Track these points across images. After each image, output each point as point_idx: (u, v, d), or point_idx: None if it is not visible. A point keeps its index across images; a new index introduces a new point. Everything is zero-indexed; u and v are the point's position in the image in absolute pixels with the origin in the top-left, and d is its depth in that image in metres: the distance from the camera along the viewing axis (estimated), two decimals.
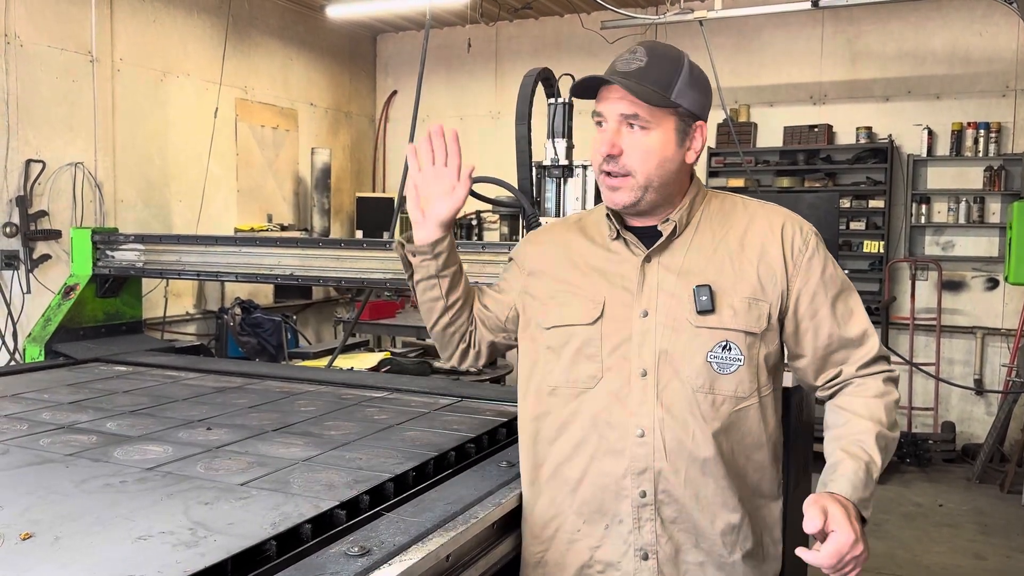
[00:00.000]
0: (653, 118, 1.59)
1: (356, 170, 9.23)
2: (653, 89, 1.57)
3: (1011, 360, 6.75)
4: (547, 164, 2.52)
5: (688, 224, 1.67)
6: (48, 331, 3.32)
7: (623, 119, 1.60)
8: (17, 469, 1.76)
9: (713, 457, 1.58)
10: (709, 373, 1.59)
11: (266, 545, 1.36)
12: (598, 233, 1.74)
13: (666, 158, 1.61)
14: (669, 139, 1.61)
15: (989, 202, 7.07)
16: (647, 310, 1.62)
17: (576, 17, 8.10)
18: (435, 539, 1.42)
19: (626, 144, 1.60)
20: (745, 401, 1.61)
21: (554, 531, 1.67)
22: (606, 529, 1.62)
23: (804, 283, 1.63)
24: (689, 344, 1.59)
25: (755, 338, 1.61)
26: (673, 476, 1.58)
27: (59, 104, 5.89)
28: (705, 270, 1.63)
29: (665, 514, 1.60)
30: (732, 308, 1.60)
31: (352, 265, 2.97)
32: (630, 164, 1.60)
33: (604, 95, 1.63)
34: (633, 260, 1.67)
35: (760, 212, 1.70)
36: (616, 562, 1.62)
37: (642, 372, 1.61)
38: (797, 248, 1.64)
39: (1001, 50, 6.94)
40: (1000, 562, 4.75)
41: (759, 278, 1.62)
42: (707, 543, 1.61)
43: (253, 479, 1.70)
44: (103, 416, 2.24)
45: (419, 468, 1.80)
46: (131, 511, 1.51)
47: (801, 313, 1.64)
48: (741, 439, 1.62)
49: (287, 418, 2.25)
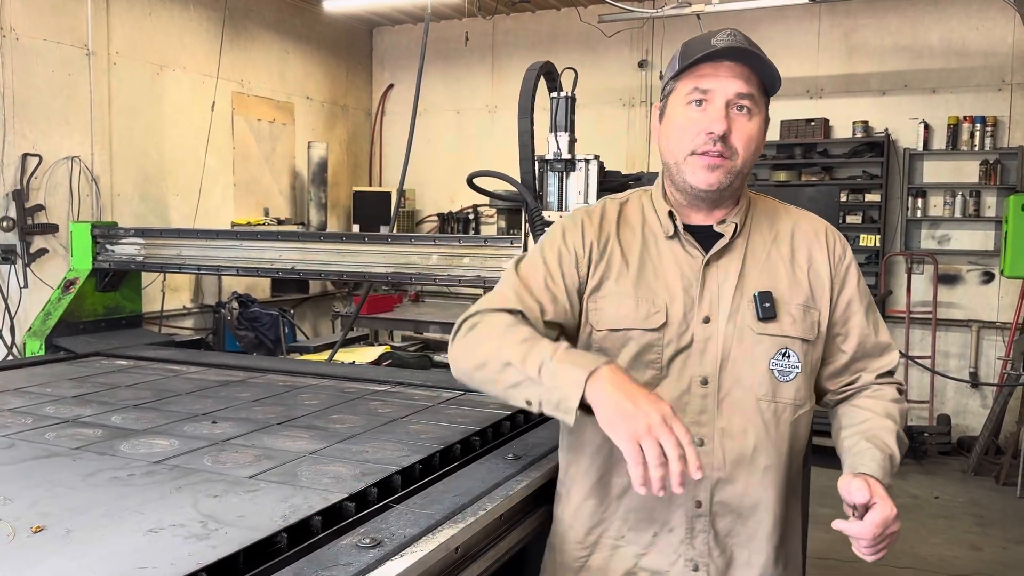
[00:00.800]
0: (759, 103, 1.53)
1: (352, 164, 9.22)
2: (769, 66, 1.51)
3: (1006, 353, 6.78)
4: (549, 158, 2.52)
5: (744, 226, 1.62)
6: (48, 325, 3.31)
7: (735, 98, 1.50)
8: (24, 463, 1.77)
9: (774, 466, 1.57)
10: (771, 381, 1.57)
11: (277, 537, 1.37)
12: (647, 228, 1.64)
13: (760, 147, 1.56)
14: (763, 127, 1.56)
15: (985, 196, 7.10)
16: (709, 316, 1.57)
17: (572, 11, 8.10)
18: (445, 531, 1.43)
19: (734, 126, 1.51)
20: (802, 408, 1.61)
21: (598, 537, 1.64)
22: (654, 536, 1.59)
23: (842, 291, 1.63)
24: (752, 351, 1.56)
25: (810, 345, 1.60)
26: (731, 486, 1.56)
27: (55, 98, 5.86)
28: (761, 276, 1.60)
29: (719, 526, 1.58)
30: (791, 315, 1.58)
31: (353, 259, 2.98)
32: (736, 146, 1.51)
33: (709, 72, 1.51)
34: (691, 262, 1.60)
35: (802, 218, 1.68)
36: (664, 571, 1.59)
37: (703, 380, 1.57)
38: (838, 256, 1.64)
39: (997, 44, 6.96)
40: (996, 553, 4.79)
41: (810, 286, 1.61)
42: (762, 558, 1.59)
43: (261, 472, 1.70)
44: (107, 410, 2.24)
45: (425, 461, 1.81)
46: (140, 504, 1.51)
47: (836, 319, 1.63)
48: (794, 446, 1.61)
49: (291, 411, 2.26)
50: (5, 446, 1.89)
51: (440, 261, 2.81)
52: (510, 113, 8.91)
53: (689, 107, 1.53)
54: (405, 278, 2.90)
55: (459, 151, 8.70)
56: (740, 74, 1.50)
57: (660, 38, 7.84)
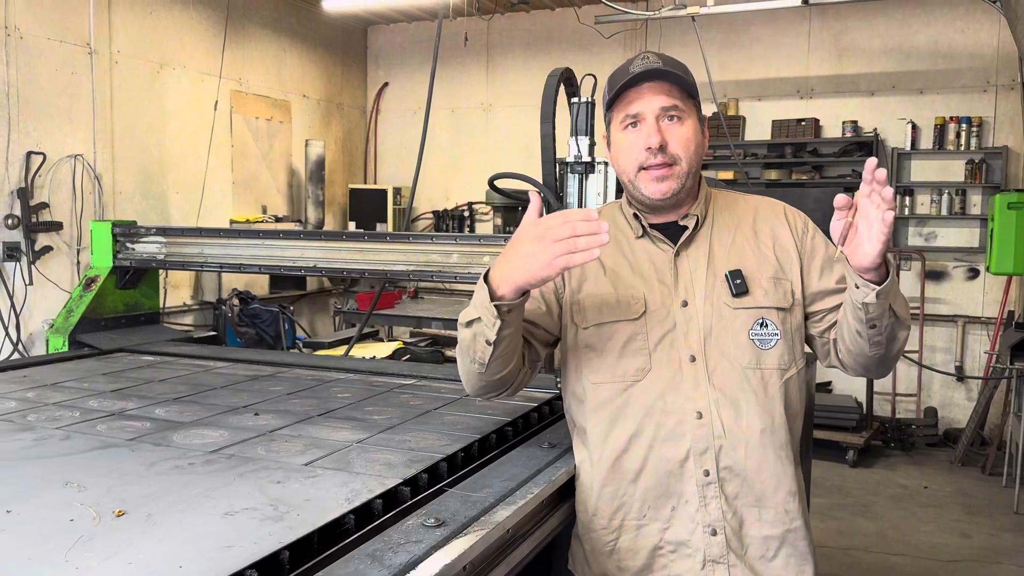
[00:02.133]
0: (686, 108, 1.72)
1: (348, 161, 9.28)
2: (681, 75, 1.71)
3: (991, 347, 6.97)
4: (570, 161, 2.62)
5: (706, 217, 1.80)
6: (71, 322, 3.38)
7: (662, 112, 1.70)
8: (85, 453, 1.85)
9: (769, 428, 1.70)
10: (753, 350, 1.71)
11: (345, 519, 1.47)
12: (620, 233, 1.82)
13: (699, 145, 1.75)
14: (697, 128, 1.74)
15: (970, 194, 7.28)
16: (686, 300, 1.74)
17: (566, 11, 8.20)
18: (500, 512, 1.53)
19: (668, 135, 1.70)
20: (788, 372, 1.74)
21: (621, 520, 1.75)
22: (673, 510, 1.72)
23: (812, 259, 1.79)
24: (731, 325, 1.71)
25: (786, 312, 1.74)
26: (733, 452, 1.69)
27: (59, 96, 5.91)
28: (730, 257, 1.76)
29: (728, 490, 1.70)
30: (762, 288, 1.73)
31: (375, 257, 3.06)
32: (675, 152, 1.70)
33: (633, 96, 1.72)
34: (663, 255, 1.78)
35: (761, 203, 1.87)
36: (687, 540, 1.71)
37: (691, 358, 1.71)
38: (800, 230, 1.82)
39: (982, 46, 7.14)
40: (985, 540, 4.96)
41: (778, 260, 1.77)
42: (770, 514, 1.72)
43: (315, 459, 1.80)
44: (149, 403, 2.32)
45: (466, 449, 1.91)
46: (208, 490, 1.60)
47: (818, 286, 1.78)
48: (787, 409, 1.74)
49: (327, 404, 2.35)
50: (61, 437, 1.97)
51: (461, 259, 2.91)
52: (504, 111, 9.10)
53: (627, 131, 1.74)
54: (426, 276, 3.00)
55: (454, 149, 8.79)
56: (661, 90, 1.70)
57: (656, 40, 7.96)
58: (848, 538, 4.79)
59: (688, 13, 6.47)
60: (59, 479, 1.64)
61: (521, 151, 7.83)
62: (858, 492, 5.79)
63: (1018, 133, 7.00)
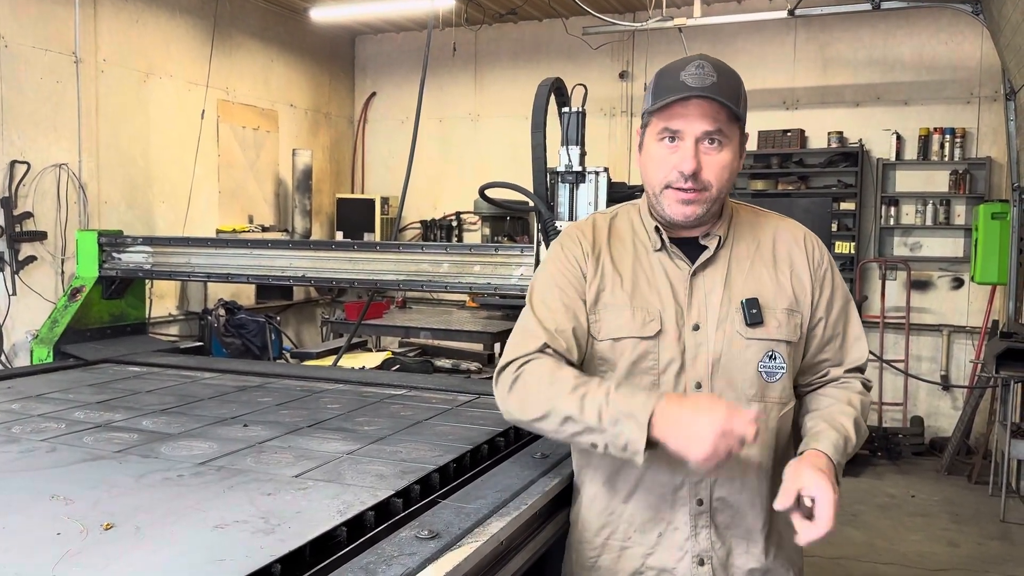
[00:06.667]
0: (729, 133, 1.62)
1: (335, 171, 9.26)
2: (732, 106, 1.59)
3: (976, 356, 7.01)
4: (560, 170, 2.62)
5: (727, 238, 1.72)
6: (56, 332, 3.34)
7: (704, 135, 1.59)
8: (72, 465, 1.82)
9: (766, 461, 1.69)
10: (760, 382, 1.67)
11: (337, 531, 1.45)
12: (638, 241, 1.75)
13: (734, 171, 1.66)
14: (737, 153, 1.65)
15: (955, 204, 7.34)
16: (698, 323, 1.67)
17: (554, 22, 8.23)
18: (494, 523, 1.52)
19: (704, 161, 1.61)
20: (786, 406, 1.72)
21: (606, 538, 1.74)
22: (659, 536, 1.70)
23: (821, 293, 1.74)
24: (741, 355, 1.66)
25: (793, 347, 1.70)
26: (729, 483, 1.67)
27: (44, 105, 5.86)
28: (747, 283, 1.69)
29: (719, 520, 1.69)
30: (777, 320, 1.68)
31: (365, 267, 3.05)
32: (707, 179, 1.61)
33: (679, 111, 1.60)
34: (679, 273, 1.70)
35: (781, 225, 1.79)
36: (672, 568, 1.69)
37: (696, 384, 1.66)
38: (817, 261, 1.75)
39: (966, 59, 7.22)
40: (973, 549, 4.97)
41: (793, 291, 1.71)
42: (758, 547, 1.71)
43: (305, 471, 1.78)
44: (136, 415, 2.29)
45: (458, 460, 1.90)
46: (198, 502, 1.58)
47: (814, 319, 1.74)
48: (780, 441, 1.73)
49: (317, 415, 2.33)
50: (47, 450, 1.94)
51: (452, 269, 2.90)
52: (493, 121, 9.12)
53: (662, 143, 1.64)
54: (416, 285, 2.99)
55: (442, 159, 8.79)
56: (708, 112, 1.58)
57: (643, 50, 8.00)
58: (837, 548, 4.79)
59: (675, 25, 6.52)
60: (45, 492, 1.61)
61: (509, 161, 7.82)
62: (846, 501, 5.80)
63: (1001, 144, 7.07)
